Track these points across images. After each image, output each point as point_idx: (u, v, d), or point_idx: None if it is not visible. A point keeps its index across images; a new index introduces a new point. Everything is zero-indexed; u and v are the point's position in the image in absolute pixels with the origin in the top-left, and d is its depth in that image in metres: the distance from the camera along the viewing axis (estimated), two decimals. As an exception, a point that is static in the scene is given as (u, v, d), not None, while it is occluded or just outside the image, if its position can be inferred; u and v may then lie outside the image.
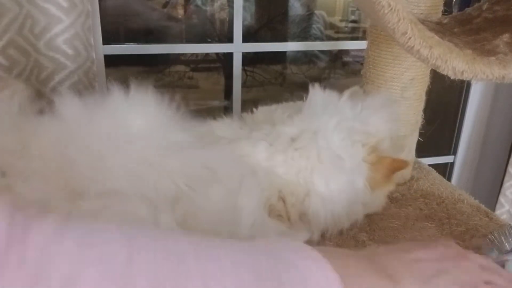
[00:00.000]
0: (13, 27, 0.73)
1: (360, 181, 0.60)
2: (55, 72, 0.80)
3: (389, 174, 0.62)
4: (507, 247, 0.53)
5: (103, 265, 0.24)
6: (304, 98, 0.66)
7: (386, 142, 0.63)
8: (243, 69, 1.27)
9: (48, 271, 0.23)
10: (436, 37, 0.52)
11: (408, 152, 0.81)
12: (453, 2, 1.29)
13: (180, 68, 1.64)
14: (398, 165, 0.62)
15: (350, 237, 0.63)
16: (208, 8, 1.53)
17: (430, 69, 0.77)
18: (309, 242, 0.60)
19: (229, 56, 1.23)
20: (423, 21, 0.57)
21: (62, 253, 0.24)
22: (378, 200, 0.66)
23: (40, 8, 0.75)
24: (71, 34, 0.78)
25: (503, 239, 0.53)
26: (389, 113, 0.64)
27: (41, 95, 0.77)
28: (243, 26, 1.19)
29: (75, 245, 0.25)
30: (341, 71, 1.94)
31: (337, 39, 2.09)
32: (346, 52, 1.92)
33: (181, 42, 1.52)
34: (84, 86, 0.83)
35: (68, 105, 0.52)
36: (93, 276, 0.24)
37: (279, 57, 1.82)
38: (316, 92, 0.64)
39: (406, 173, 0.82)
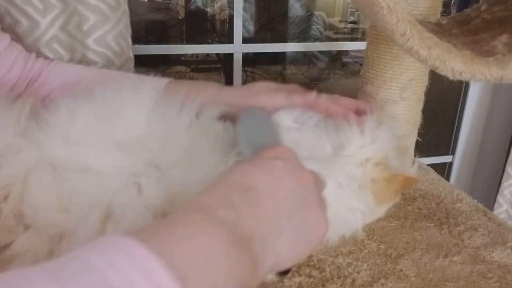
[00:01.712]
0: (57, 23, 0.75)
1: (361, 191, 0.60)
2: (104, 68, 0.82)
3: (399, 190, 0.62)
4: None
5: None
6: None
7: (391, 155, 0.63)
8: (243, 70, 1.28)
9: None
10: (435, 38, 0.52)
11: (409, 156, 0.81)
12: (452, 3, 1.29)
13: (181, 68, 1.64)
14: (409, 182, 0.63)
15: (349, 236, 0.64)
16: (208, 9, 1.54)
17: (429, 69, 0.77)
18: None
19: (229, 57, 1.24)
20: (422, 22, 0.58)
21: None
22: (381, 211, 0.66)
23: (89, 5, 0.77)
24: (117, 32, 0.81)
25: None
26: (389, 126, 0.64)
27: None
28: (243, 27, 1.19)
29: None
30: (341, 72, 1.95)
31: (337, 40, 2.09)
32: (345, 52, 1.93)
33: (181, 42, 1.53)
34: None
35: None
36: None
37: (279, 57, 1.83)
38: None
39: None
